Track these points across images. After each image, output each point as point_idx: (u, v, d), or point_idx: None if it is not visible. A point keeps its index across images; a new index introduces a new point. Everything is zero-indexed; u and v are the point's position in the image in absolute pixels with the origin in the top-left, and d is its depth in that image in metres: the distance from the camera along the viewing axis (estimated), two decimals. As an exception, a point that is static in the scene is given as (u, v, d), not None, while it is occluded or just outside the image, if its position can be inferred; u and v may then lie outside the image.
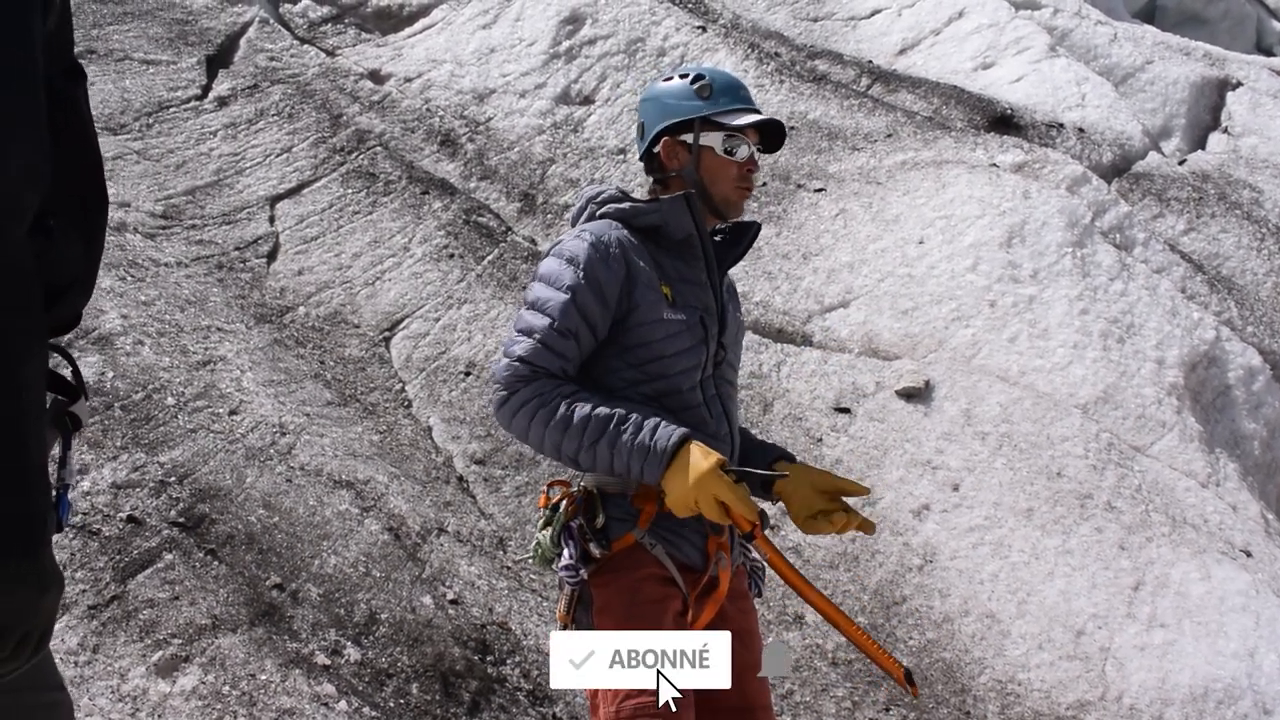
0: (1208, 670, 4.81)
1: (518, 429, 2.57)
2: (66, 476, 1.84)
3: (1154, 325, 6.56)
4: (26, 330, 1.52)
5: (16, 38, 1.52)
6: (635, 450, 2.48)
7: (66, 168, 1.72)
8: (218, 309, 5.68)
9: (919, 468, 5.65)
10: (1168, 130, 9.91)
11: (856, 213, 7.32)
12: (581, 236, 2.68)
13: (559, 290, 2.60)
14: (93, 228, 1.86)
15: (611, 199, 2.85)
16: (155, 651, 3.51)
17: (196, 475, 4.34)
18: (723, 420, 2.81)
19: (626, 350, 2.68)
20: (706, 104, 2.84)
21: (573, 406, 2.51)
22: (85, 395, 1.94)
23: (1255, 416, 6.60)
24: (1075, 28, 10.52)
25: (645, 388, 2.68)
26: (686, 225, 2.80)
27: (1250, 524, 5.70)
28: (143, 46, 7.59)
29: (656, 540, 2.64)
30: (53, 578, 1.59)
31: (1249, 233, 8.33)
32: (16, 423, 1.50)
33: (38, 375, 1.58)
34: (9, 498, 1.50)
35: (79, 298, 1.87)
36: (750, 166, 2.87)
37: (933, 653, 4.88)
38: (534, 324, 2.59)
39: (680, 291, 2.75)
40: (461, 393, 5.84)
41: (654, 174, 2.95)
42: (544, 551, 2.74)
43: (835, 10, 10.46)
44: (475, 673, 4.09)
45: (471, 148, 7.70)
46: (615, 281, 2.64)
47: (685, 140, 2.86)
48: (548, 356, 2.57)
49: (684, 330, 2.70)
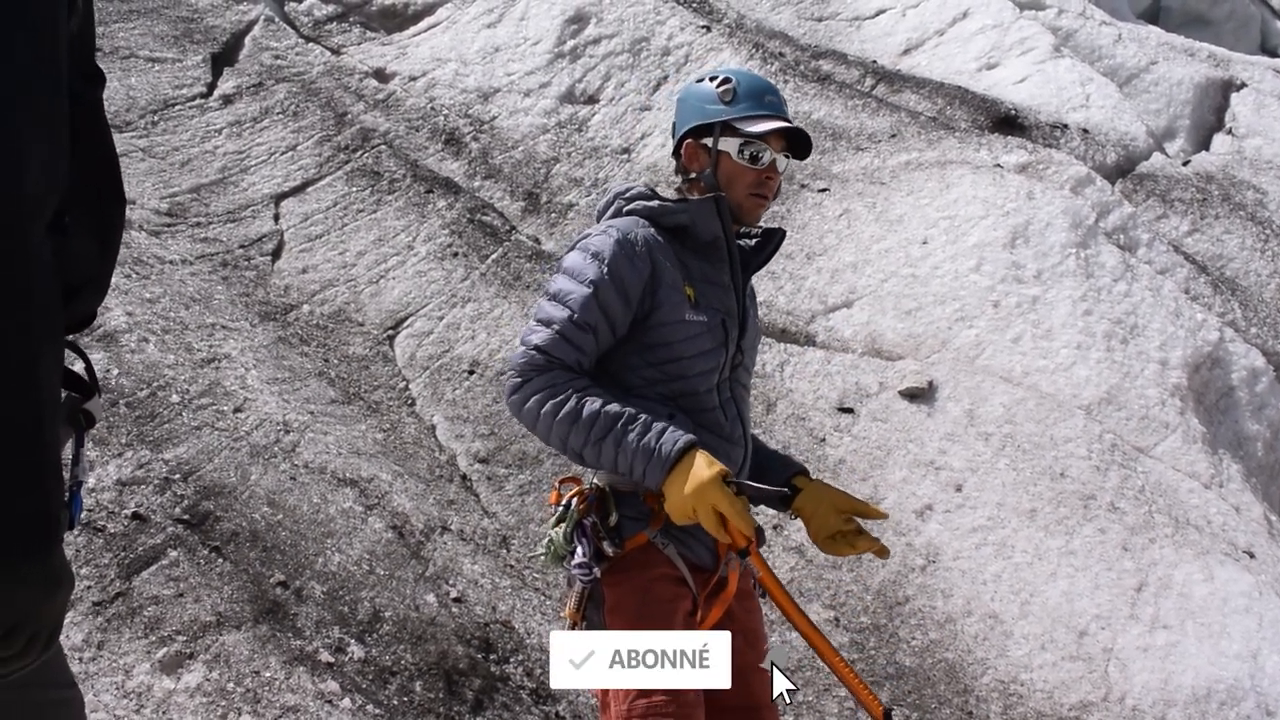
0: (1210, 671, 4.81)
1: (527, 417, 2.57)
2: (80, 474, 1.85)
3: (1157, 326, 6.56)
4: (45, 327, 1.53)
5: (44, 40, 1.53)
6: (640, 451, 2.49)
7: (84, 168, 1.73)
8: (222, 307, 5.69)
9: (922, 468, 5.65)
10: (1172, 131, 9.91)
11: (860, 213, 7.32)
12: (609, 232, 2.69)
13: (581, 284, 2.61)
14: (108, 227, 1.88)
15: (640, 195, 2.87)
16: (160, 648, 3.52)
17: (201, 472, 4.35)
18: (737, 423, 2.82)
19: (647, 349, 2.69)
20: (728, 109, 2.85)
21: (583, 400, 2.52)
22: (99, 392, 1.95)
23: (1259, 418, 6.60)
24: (1079, 28, 10.51)
25: (663, 388, 2.70)
26: (714, 228, 2.82)
27: (1253, 525, 5.71)
28: (148, 44, 7.60)
29: (669, 540, 2.65)
30: (64, 576, 1.60)
31: (1253, 234, 8.33)
32: (34, 419, 1.51)
33: (54, 372, 1.59)
34: (25, 495, 1.51)
35: (94, 296, 1.89)
36: (769, 174, 2.87)
37: (935, 653, 4.88)
38: (554, 315, 2.61)
39: (704, 293, 2.77)
40: (465, 391, 5.85)
41: (680, 174, 2.97)
42: (556, 548, 2.74)
43: (840, 10, 10.46)
44: (478, 671, 4.10)
45: (476, 147, 7.71)
46: (639, 280, 2.65)
47: (706, 144, 2.87)
48: (565, 348, 2.58)
49: (705, 332, 2.72)
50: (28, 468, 1.51)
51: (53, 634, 1.63)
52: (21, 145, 1.47)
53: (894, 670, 4.81)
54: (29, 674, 1.78)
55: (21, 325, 1.48)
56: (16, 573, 1.52)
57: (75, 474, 1.83)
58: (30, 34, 1.51)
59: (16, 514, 1.51)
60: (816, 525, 2.85)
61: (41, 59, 1.53)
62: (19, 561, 1.52)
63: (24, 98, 1.49)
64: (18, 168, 1.46)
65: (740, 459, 2.83)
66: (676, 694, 2.51)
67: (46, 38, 1.54)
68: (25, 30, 1.50)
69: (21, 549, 1.52)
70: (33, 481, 1.52)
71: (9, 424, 1.49)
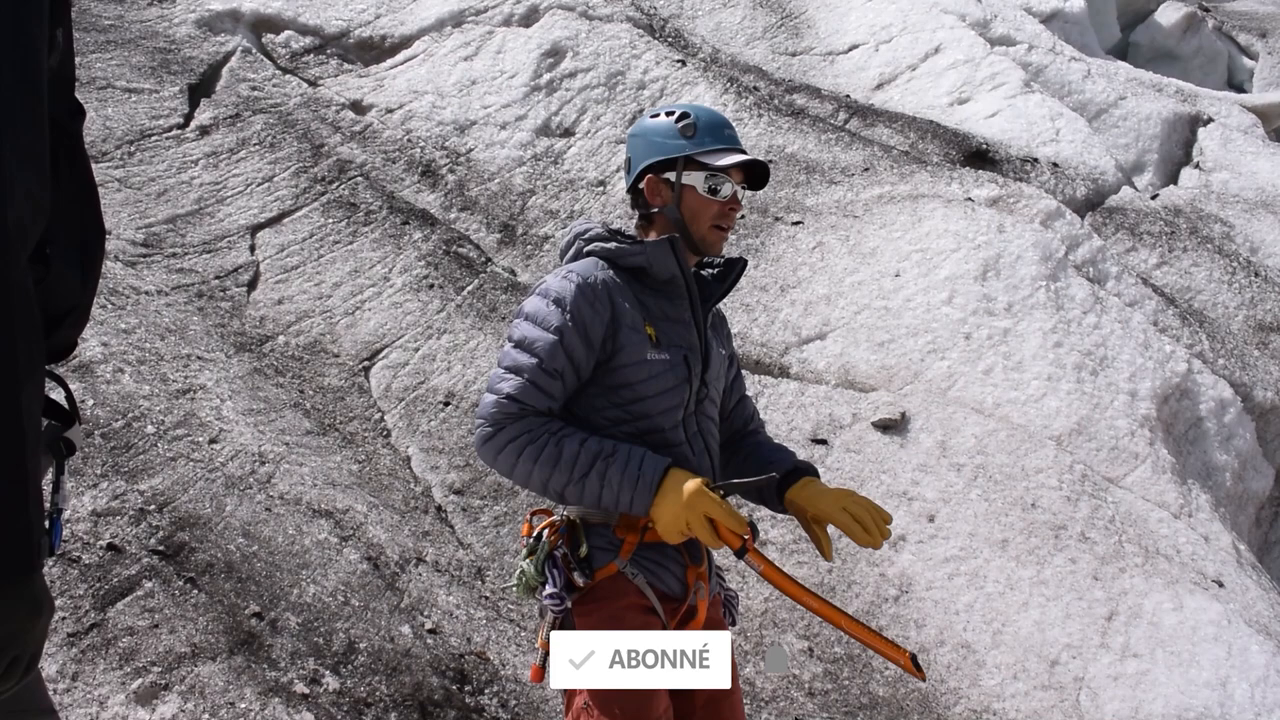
0: (1180, 700, 4.85)
1: (503, 465, 2.60)
2: (60, 501, 1.87)
3: (1127, 358, 6.64)
4: (28, 354, 1.56)
5: (26, 74, 1.57)
6: (625, 481, 2.53)
7: (65, 200, 1.76)
8: (198, 337, 5.70)
9: (895, 499, 5.70)
10: (1140, 165, 10.06)
11: (834, 245, 7.39)
12: (569, 278, 2.72)
13: (546, 330, 2.64)
14: (89, 259, 1.91)
15: (598, 237, 2.89)
16: (135, 679, 3.52)
17: (176, 503, 4.35)
18: (704, 457, 2.86)
19: (610, 390, 2.73)
20: (690, 143, 2.89)
21: (561, 443, 2.56)
22: (79, 420, 1.97)
23: (1227, 448, 6.68)
24: (1049, 64, 10.67)
25: (628, 426, 2.73)
26: (670, 267, 2.84)
27: (1222, 555, 5.77)
28: (125, 75, 7.61)
29: (638, 570, 2.69)
30: (45, 601, 1.62)
31: (1220, 266, 8.45)
32: (17, 446, 1.53)
33: (35, 400, 1.61)
34: (7, 522, 1.54)
35: (75, 326, 1.91)
36: (732, 205, 2.92)
37: (909, 682, 4.91)
38: (522, 363, 2.63)
39: (664, 331, 2.80)
40: (440, 422, 5.87)
41: (639, 208, 3.00)
42: (528, 579, 2.77)
43: (814, 45, 10.58)
44: (453, 702, 4.10)
45: (452, 179, 7.75)
46: (600, 323, 2.68)
47: (668, 178, 2.91)
48: (535, 395, 2.61)
49: (667, 370, 2.75)
50: (10, 495, 1.53)
51: (33, 659, 1.65)
52: (6, 176, 1.50)
53: (867, 700, 4.83)
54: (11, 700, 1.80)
55: (4, 355, 1.51)
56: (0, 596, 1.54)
57: (55, 501, 1.85)
58: (14, 69, 1.55)
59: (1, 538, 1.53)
60: (824, 505, 2.79)
61: (25, 93, 1.56)
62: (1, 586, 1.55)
63: (9, 131, 1.53)
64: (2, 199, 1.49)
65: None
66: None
67: (29, 72, 1.58)
68: (8, 66, 1.54)
69: (4, 574, 1.55)
70: (16, 508, 1.54)
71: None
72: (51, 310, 1.75)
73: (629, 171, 3.03)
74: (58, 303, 1.79)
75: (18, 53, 1.56)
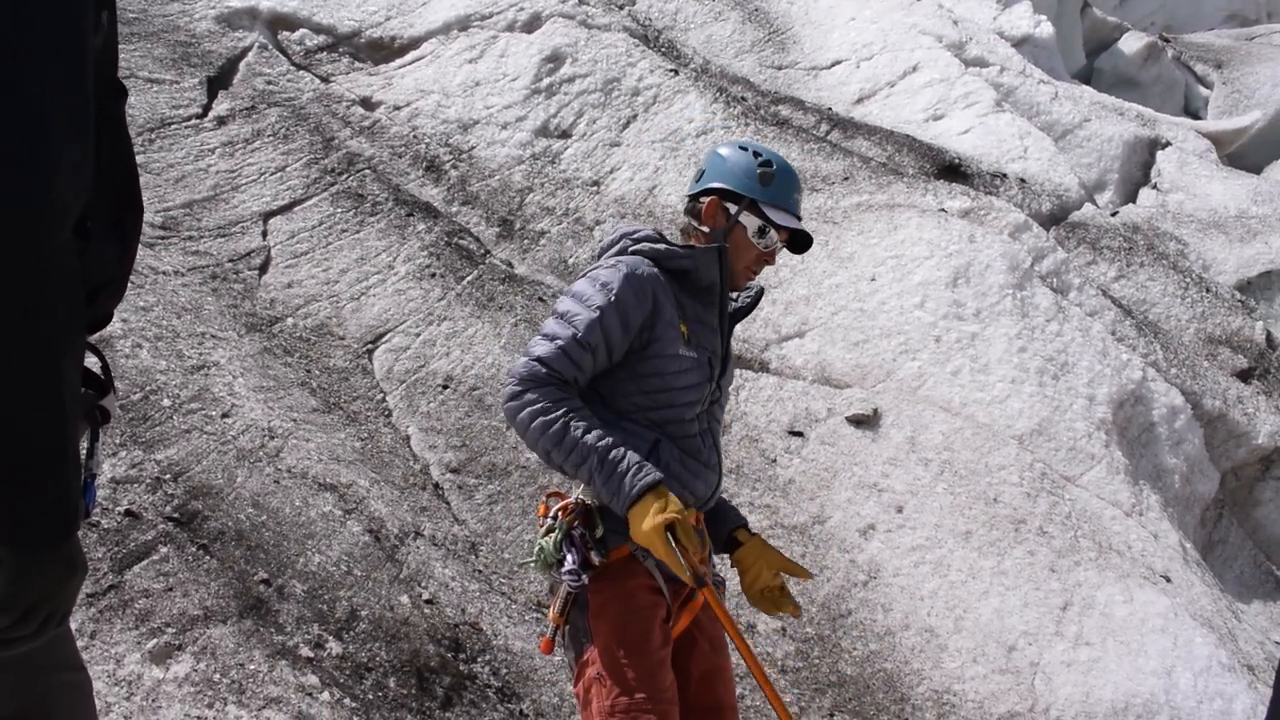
0: (1129, 686, 4.90)
1: (519, 426, 2.64)
2: (94, 467, 1.86)
3: (1086, 364, 6.68)
4: (69, 324, 1.55)
5: (72, 53, 1.56)
6: (606, 488, 2.60)
7: (106, 176, 1.75)
8: (212, 317, 5.66)
9: (866, 490, 5.72)
10: (1102, 184, 10.11)
11: (813, 250, 7.40)
12: (617, 267, 2.77)
13: (588, 307, 2.69)
14: (127, 233, 1.90)
15: (648, 238, 2.94)
16: (150, 639, 3.51)
17: (190, 474, 4.33)
18: (713, 451, 2.94)
19: (641, 377, 2.77)
20: (761, 190, 2.96)
21: (570, 424, 2.59)
22: (114, 389, 1.96)
23: (1176, 452, 6.73)
24: (1019, 85, 10.70)
25: (652, 414, 2.79)
26: (713, 275, 2.91)
27: (1170, 552, 5.82)
28: (148, 66, 7.55)
29: (648, 553, 2.71)
30: (79, 562, 1.62)
31: (1174, 281, 8.51)
32: (59, 412, 1.53)
33: (75, 371, 1.61)
34: (49, 484, 1.53)
35: (112, 297, 1.90)
36: (769, 258, 3.02)
37: (875, 663, 4.93)
38: (559, 332, 2.68)
39: (695, 332, 2.86)
40: (439, 405, 5.85)
41: (690, 216, 3.04)
42: (546, 556, 2.80)
43: (798, 60, 10.58)
44: (448, 669, 4.10)
45: (455, 174, 7.72)
46: (641, 313, 2.73)
47: (729, 208, 2.96)
48: (565, 363, 2.65)
49: (694, 367, 2.81)
50: (50, 461, 1.53)
51: (64, 615, 1.65)
52: (53, 151, 1.49)
53: (836, 678, 4.86)
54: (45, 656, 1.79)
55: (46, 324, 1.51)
56: (39, 558, 1.54)
57: (89, 466, 1.84)
58: (61, 49, 1.54)
59: (40, 504, 1.53)
60: (751, 578, 2.99)
61: (71, 72, 1.55)
62: (42, 547, 1.54)
63: (57, 109, 1.52)
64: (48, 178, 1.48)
65: (715, 483, 2.95)
66: (657, 693, 2.58)
67: (75, 52, 1.57)
68: (56, 46, 1.53)
69: (44, 536, 1.55)
70: (56, 474, 1.54)
71: (36, 422, 1.51)
72: (90, 282, 1.74)
73: (697, 180, 3.08)
74: (96, 275, 1.78)
75: (64, 33, 1.55)
